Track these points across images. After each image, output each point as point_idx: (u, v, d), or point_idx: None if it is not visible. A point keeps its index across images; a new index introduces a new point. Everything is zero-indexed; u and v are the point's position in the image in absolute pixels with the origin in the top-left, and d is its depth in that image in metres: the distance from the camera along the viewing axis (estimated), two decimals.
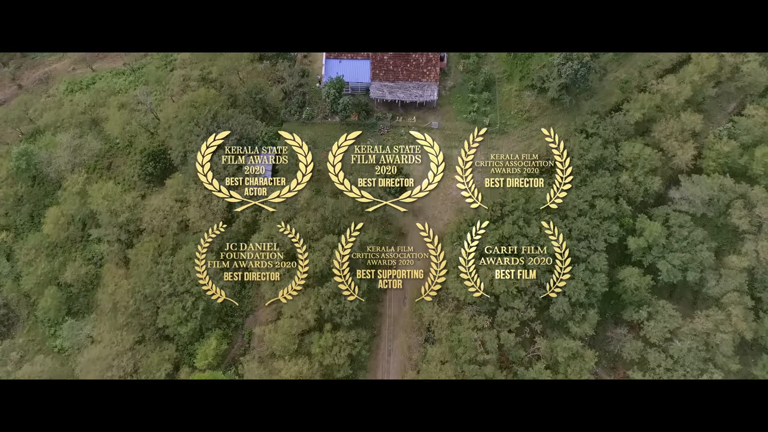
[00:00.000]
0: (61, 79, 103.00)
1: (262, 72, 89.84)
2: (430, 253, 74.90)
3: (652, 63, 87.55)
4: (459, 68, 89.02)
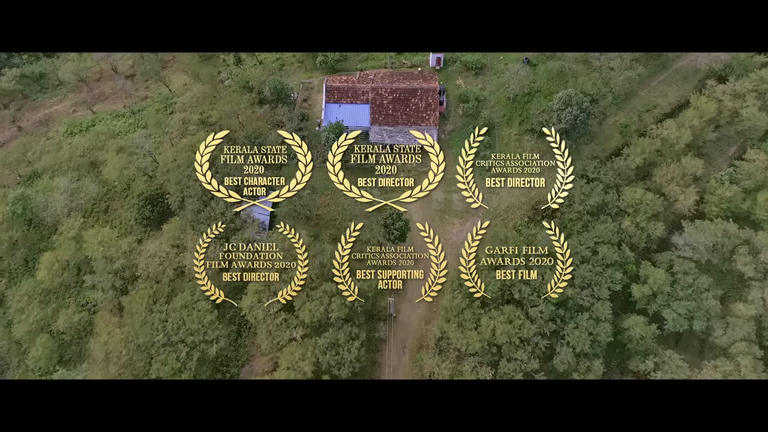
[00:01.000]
0: (61, 121, 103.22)
1: (262, 116, 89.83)
2: (430, 253, 73.52)
3: (651, 107, 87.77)
4: (458, 112, 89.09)
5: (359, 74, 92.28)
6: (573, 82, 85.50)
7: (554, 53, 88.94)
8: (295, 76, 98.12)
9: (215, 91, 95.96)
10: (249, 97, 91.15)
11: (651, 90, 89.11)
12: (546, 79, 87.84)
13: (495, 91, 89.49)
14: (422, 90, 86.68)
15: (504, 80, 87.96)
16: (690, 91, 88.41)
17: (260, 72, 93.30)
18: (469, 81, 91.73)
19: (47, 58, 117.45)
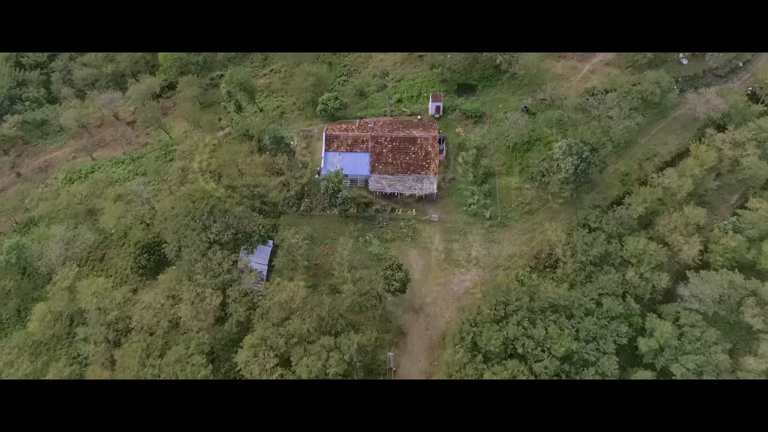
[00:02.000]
0: (61, 167, 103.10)
1: (261, 164, 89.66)
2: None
3: (651, 155, 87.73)
4: (458, 160, 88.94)
5: (359, 122, 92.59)
6: (572, 130, 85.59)
7: (552, 102, 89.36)
8: (295, 123, 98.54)
9: (215, 139, 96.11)
10: (248, 145, 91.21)
11: (650, 138, 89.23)
12: (545, 127, 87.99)
13: (495, 140, 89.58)
14: (422, 138, 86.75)
15: (503, 129, 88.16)
16: (689, 139, 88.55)
17: (260, 120, 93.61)
18: (469, 129, 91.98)
19: (50, 105, 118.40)
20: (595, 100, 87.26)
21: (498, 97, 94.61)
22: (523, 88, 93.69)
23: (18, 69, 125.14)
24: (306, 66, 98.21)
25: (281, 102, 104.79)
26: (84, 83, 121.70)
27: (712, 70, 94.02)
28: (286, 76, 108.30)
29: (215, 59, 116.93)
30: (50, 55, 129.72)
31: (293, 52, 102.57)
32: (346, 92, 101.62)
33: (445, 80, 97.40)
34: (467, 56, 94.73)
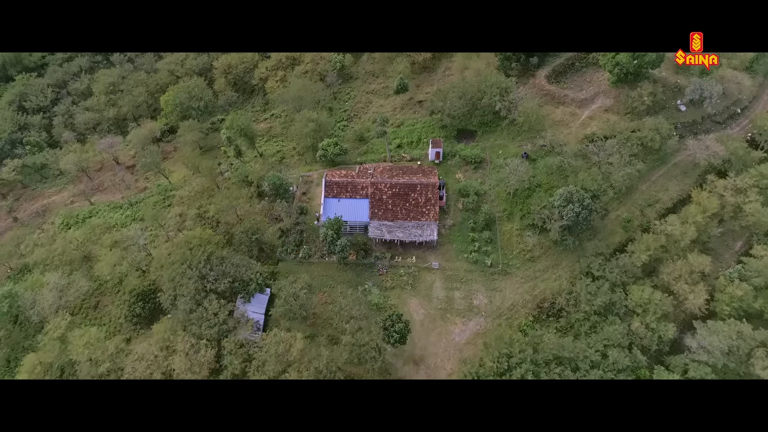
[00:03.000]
0: (58, 212, 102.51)
1: (260, 210, 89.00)
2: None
3: (652, 202, 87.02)
4: (458, 206, 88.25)
5: (359, 168, 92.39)
6: (573, 177, 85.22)
7: (552, 149, 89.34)
8: (295, 169, 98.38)
9: (214, 184, 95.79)
10: (248, 191, 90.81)
11: (651, 184, 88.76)
12: (546, 174, 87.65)
13: (495, 186, 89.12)
14: (422, 185, 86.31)
15: (504, 175, 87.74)
16: (690, 185, 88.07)
17: (260, 166, 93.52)
18: (469, 175, 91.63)
19: (50, 149, 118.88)
20: (595, 147, 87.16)
21: (498, 143, 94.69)
22: (522, 134, 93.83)
23: (21, 113, 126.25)
24: (306, 112, 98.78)
25: (281, 147, 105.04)
26: (85, 127, 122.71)
27: (710, 117, 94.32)
28: (287, 121, 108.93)
29: (216, 104, 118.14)
30: (53, 99, 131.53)
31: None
32: (346, 137, 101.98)
33: (444, 126, 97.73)
34: (466, 102, 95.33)
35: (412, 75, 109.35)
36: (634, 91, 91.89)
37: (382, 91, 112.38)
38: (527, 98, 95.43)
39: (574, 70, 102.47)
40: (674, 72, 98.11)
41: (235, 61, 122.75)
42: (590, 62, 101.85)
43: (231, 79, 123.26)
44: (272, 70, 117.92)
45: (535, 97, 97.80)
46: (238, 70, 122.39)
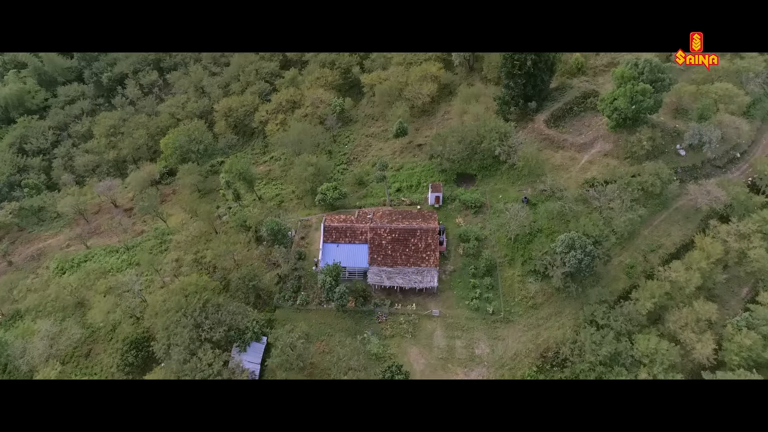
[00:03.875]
0: (53, 256, 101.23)
1: (258, 256, 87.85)
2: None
3: (655, 247, 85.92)
4: (459, 252, 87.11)
5: (358, 212, 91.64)
6: (574, 222, 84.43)
7: (552, 193, 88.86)
8: (294, 212, 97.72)
9: (212, 229, 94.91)
10: (246, 236, 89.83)
11: (654, 229, 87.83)
12: (546, 219, 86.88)
13: (495, 231, 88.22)
14: (422, 230, 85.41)
15: (504, 220, 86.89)
16: (693, 230, 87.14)
17: (258, 211, 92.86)
18: (469, 219, 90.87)
19: (48, 191, 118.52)
20: (596, 192, 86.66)
21: (498, 187, 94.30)
22: (522, 178, 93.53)
23: (20, 155, 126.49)
24: (306, 156, 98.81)
25: (280, 190, 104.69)
26: (85, 169, 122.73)
27: (710, 161, 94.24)
28: (286, 164, 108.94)
29: (216, 146, 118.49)
30: (54, 141, 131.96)
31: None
32: (346, 181, 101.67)
33: (444, 170, 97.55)
34: (466, 146, 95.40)
35: (411, 118, 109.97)
36: (633, 135, 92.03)
37: (381, 134, 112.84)
38: (527, 143, 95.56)
39: (572, 115, 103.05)
40: (672, 117, 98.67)
41: (236, 104, 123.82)
42: (588, 107, 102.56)
43: (231, 122, 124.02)
44: (272, 113, 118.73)
45: (534, 141, 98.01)
46: (238, 113, 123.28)
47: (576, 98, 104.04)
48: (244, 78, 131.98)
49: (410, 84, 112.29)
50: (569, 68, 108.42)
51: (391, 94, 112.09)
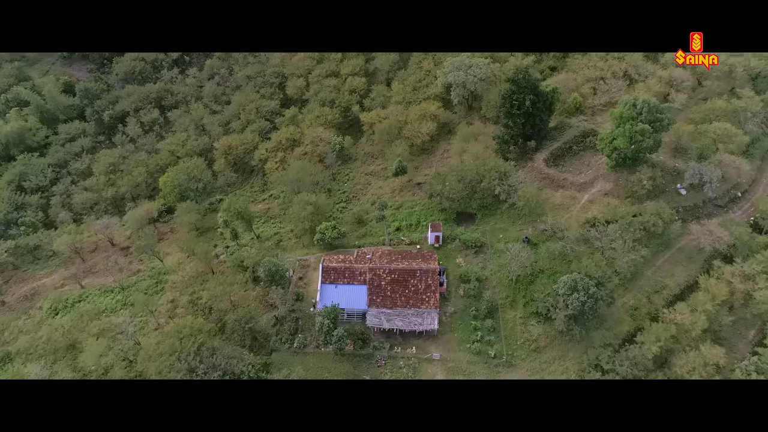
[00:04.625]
0: (47, 296, 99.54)
1: (255, 297, 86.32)
2: None
3: (659, 288, 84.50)
4: (459, 293, 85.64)
5: (357, 252, 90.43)
6: (576, 263, 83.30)
7: (554, 233, 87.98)
8: (292, 252, 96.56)
9: (209, 268, 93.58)
10: (243, 276, 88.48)
11: (657, 270, 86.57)
12: (548, 259, 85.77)
13: (497, 271, 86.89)
14: (421, 271, 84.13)
15: (505, 260, 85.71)
16: (697, 271, 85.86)
17: (256, 251, 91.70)
18: (470, 260, 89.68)
19: (45, 229, 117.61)
20: (597, 232, 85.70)
21: (498, 226, 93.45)
22: (522, 217, 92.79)
23: (19, 193, 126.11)
24: (305, 194, 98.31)
25: (279, 229, 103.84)
26: (82, 207, 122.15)
27: (711, 200, 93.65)
28: (285, 202, 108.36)
29: (215, 184, 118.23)
30: (53, 179, 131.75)
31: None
32: (345, 220, 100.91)
33: (443, 209, 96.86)
34: (465, 185, 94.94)
35: (410, 157, 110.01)
36: (633, 175, 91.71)
37: (381, 173, 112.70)
38: (526, 182, 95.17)
39: (571, 154, 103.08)
40: (672, 156, 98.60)
41: (236, 142, 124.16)
42: (587, 146, 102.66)
43: (231, 160, 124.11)
44: (272, 151, 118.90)
45: (534, 180, 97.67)
46: (238, 151, 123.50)
47: (575, 137, 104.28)
48: (245, 116, 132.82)
49: (409, 123, 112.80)
50: (567, 107, 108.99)
51: (390, 132, 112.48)
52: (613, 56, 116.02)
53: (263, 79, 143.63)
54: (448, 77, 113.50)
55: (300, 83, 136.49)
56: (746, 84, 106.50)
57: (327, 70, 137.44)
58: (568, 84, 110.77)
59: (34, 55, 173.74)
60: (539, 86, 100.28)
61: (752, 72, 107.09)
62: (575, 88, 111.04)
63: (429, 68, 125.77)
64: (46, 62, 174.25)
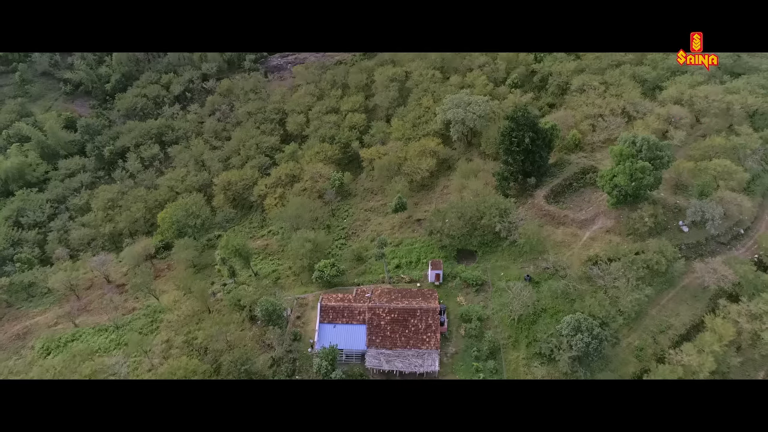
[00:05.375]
0: (40, 335, 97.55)
1: (251, 337, 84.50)
2: None
3: (664, 328, 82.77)
4: (460, 333, 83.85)
5: (356, 290, 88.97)
6: (579, 302, 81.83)
7: (555, 271, 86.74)
8: (290, 290, 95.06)
9: (205, 307, 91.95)
10: (239, 316, 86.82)
11: (661, 309, 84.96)
12: (550, 298, 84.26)
13: (498, 311, 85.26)
14: (422, 310, 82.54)
15: (507, 299, 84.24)
16: (702, 310, 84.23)
17: (253, 289, 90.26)
18: (471, 298, 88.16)
19: (41, 266, 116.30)
20: (600, 270, 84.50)
21: (499, 264, 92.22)
22: (524, 255, 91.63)
23: (16, 229, 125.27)
24: (304, 231, 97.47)
25: (277, 266, 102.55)
26: (80, 243, 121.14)
27: (714, 238, 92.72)
28: (284, 238, 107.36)
29: (214, 220, 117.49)
30: (51, 214, 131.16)
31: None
32: (344, 257, 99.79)
33: (444, 246, 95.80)
34: (466, 222, 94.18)
35: (410, 193, 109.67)
36: (634, 212, 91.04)
37: (380, 209, 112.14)
38: (527, 219, 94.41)
39: (572, 190, 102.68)
40: (672, 192, 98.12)
41: (235, 178, 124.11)
42: (588, 182, 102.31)
43: (230, 195, 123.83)
44: (271, 187, 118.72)
45: (535, 217, 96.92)
46: (237, 187, 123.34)
47: (575, 174, 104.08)
48: (245, 152, 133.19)
49: (409, 159, 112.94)
50: (567, 144, 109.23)
51: (390, 168, 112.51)
52: (611, 93, 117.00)
53: (264, 115, 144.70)
54: (447, 114, 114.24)
55: (300, 119, 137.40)
56: (744, 121, 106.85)
57: (327, 107, 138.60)
58: (566, 121, 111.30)
59: (37, 91, 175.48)
60: (538, 123, 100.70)
61: (749, 109, 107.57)
62: (574, 124, 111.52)
63: (428, 105, 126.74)
64: (49, 98, 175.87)
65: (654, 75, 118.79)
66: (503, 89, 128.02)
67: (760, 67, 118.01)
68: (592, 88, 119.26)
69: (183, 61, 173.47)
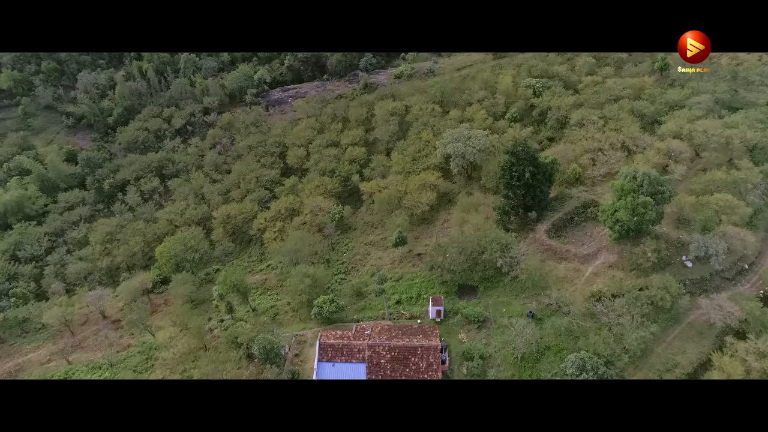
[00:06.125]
0: (32, 373, 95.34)
1: (248, 376, 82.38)
2: None
3: (671, 366, 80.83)
4: (462, 371, 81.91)
5: (356, 327, 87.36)
6: (583, 340, 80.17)
7: (558, 308, 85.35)
8: (289, 326, 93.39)
9: (202, 344, 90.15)
10: (236, 353, 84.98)
11: (667, 346, 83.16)
12: (554, 335, 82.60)
13: (501, 348, 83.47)
14: (423, 348, 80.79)
15: (509, 336, 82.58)
16: (709, 347, 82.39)
17: (251, 326, 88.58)
18: (472, 335, 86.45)
19: (36, 300, 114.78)
20: (604, 306, 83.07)
21: (501, 300, 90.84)
22: (526, 290, 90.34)
23: (12, 263, 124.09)
24: (303, 266, 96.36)
25: (276, 302, 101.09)
26: (76, 277, 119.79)
27: (718, 273, 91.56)
28: (283, 273, 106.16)
29: (212, 254, 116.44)
30: (48, 248, 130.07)
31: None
32: (343, 292, 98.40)
33: (444, 281, 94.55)
34: (467, 258, 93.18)
35: (410, 227, 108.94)
36: (637, 247, 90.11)
37: (380, 243, 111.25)
38: (529, 254, 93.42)
39: (573, 225, 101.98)
40: (675, 227, 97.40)
41: (235, 212, 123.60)
42: (589, 216, 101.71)
43: (229, 229, 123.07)
44: (271, 220, 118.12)
45: (537, 252, 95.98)
46: (236, 220, 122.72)
47: (576, 208, 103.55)
48: (245, 185, 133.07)
49: (409, 192, 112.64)
50: (567, 178, 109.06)
51: (390, 202, 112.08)
52: (610, 127, 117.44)
53: (264, 148, 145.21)
54: (447, 148, 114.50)
55: (300, 153, 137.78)
56: (744, 155, 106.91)
57: (327, 140, 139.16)
58: (566, 155, 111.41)
59: (39, 124, 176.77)
60: (538, 157, 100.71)
61: (749, 143, 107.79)
62: (574, 158, 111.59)
63: (428, 138, 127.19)
64: (51, 131, 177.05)
65: (652, 109, 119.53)
66: (502, 123, 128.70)
67: (757, 101, 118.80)
68: (591, 122, 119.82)
69: (185, 94, 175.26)
